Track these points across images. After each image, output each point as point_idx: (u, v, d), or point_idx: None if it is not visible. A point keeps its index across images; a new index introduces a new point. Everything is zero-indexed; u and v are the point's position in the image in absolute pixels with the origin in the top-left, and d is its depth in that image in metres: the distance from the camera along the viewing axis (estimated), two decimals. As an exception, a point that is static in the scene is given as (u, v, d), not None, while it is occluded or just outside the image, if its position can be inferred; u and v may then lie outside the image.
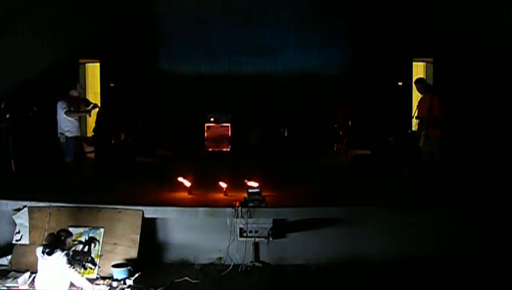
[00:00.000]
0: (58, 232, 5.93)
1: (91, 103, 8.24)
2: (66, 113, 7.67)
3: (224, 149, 11.07)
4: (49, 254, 5.64)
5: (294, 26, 12.11)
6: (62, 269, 5.64)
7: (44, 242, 5.88)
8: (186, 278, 6.12)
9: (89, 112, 8.18)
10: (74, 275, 5.71)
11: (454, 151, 7.83)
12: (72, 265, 5.72)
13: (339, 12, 11.92)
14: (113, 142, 10.26)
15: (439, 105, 7.41)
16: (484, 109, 9.93)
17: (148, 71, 12.19)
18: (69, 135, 7.77)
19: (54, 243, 5.73)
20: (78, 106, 8.02)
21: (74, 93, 7.98)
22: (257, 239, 6.55)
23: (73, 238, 6.41)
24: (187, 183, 7.62)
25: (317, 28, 12.01)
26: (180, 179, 7.66)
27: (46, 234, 6.14)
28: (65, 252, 5.71)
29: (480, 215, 6.72)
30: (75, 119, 7.87)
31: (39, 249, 5.76)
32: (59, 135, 7.81)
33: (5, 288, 5.91)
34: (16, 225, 6.73)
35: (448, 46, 10.93)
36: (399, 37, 11.33)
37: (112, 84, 11.83)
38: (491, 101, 10.14)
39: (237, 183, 7.58)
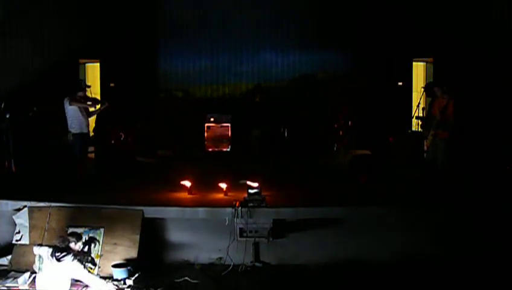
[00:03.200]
0: (68, 236, 5.90)
1: (100, 101, 8.24)
2: (70, 103, 7.69)
3: (224, 149, 11.06)
4: (58, 259, 5.57)
5: (294, 26, 12.11)
6: (75, 274, 5.60)
7: (54, 243, 5.80)
8: (186, 278, 6.12)
9: (99, 110, 8.20)
10: (90, 277, 5.69)
11: (457, 151, 7.83)
12: (85, 267, 5.71)
13: (339, 12, 11.91)
14: (113, 142, 10.26)
15: (454, 110, 7.36)
16: (484, 109, 9.92)
17: (148, 71, 12.20)
18: (74, 131, 7.78)
19: (64, 249, 5.67)
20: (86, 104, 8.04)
21: (81, 94, 8.01)
22: (257, 239, 6.55)
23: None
24: (187, 184, 7.62)
25: (317, 28, 12.01)
26: (183, 182, 7.65)
27: (57, 237, 6.01)
28: (77, 258, 5.66)
29: (481, 216, 6.72)
30: (83, 117, 7.86)
31: (44, 249, 5.69)
32: (68, 132, 7.85)
33: (5, 288, 5.91)
34: (16, 225, 6.73)
35: (448, 46, 10.93)
36: (399, 37, 11.33)
37: (112, 84, 11.83)
38: (491, 101, 10.14)
39: (237, 184, 7.58)
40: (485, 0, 10.61)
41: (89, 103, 8.21)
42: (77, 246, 5.84)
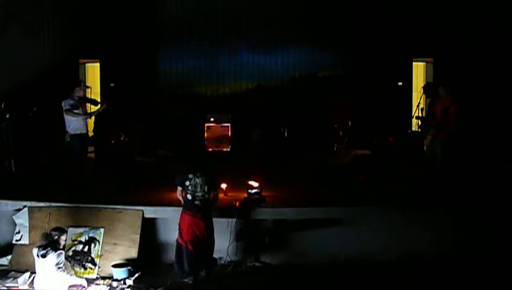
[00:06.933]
0: (51, 231, 5.92)
1: (98, 102, 8.20)
2: (65, 111, 7.62)
3: (224, 149, 11.05)
4: (43, 256, 5.64)
5: (294, 26, 12.10)
6: (53, 269, 5.65)
7: (39, 243, 5.86)
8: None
9: (98, 111, 8.15)
10: (64, 276, 5.72)
11: (456, 151, 7.84)
12: (61, 266, 5.71)
13: (339, 12, 11.90)
14: (113, 142, 10.25)
15: (456, 113, 7.34)
16: (484, 108, 9.93)
17: (148, 71, 12.20)
18: (72, 132, 7.74)
19: (47, 245, 5.72)
20: (85, 105, 7.98)
21: (79, 92, 7.89)
22: (257, 239, 6.55)
23: (73, 238, 6.44)
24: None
25: (317, 28, 12.00)
26: None
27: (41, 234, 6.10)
28: (58, 252, 5.70)
29: (481, 215, 6.72)
30: (81, 117, 7.82)
31: (35, 250, 5.76)
32: (65, 133, 7.81)
33: (5, 288, 5.92)
34: (16, 225, 6.73)
35: (448, 46, 10.94)
36: (399, 37, 11.33)
37: (112, 84, 11.82)
38: (491, 101, 10.15)
39: (237, 183, 7.57)
40: (485, 1, 10.62)
41: (96, 107, 8.18)
42: (61, 239, 5.86)
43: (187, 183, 6.03)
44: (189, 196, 6.00)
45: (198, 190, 5.98)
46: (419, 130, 8.91)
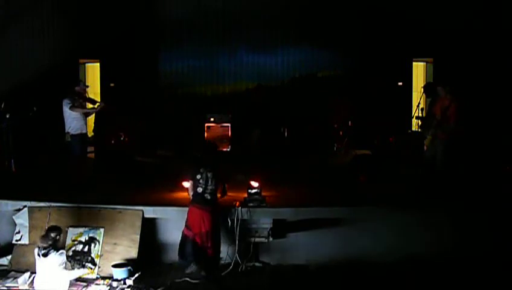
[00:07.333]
0: (48, 231, 5.92)
1: (96, 102, 8.21)
2: (70, 108, 7.61)
3: (224, 149, 11.06)
4: (45, 255, 5.66)
5: (294, 26, 12.11)
6: (57, 269, 5.66)
7: (39, 244, 5.86)
8: (186, 278, 6.12)
9: (95, 110, 8.14)
10: (68, 273, 5.76)
11: (456, 151, 7.84)
12: (64, 265, 5.74)
13: (339, 12, 11.90)
14: (113, 142, 10.25)
15: (456, 113, 7.31)
16: (484, 108, 9.93)
17: (148, 71, 12.20)
18: (73, 132, 7.73)
19: (48, 245, 5.73)
20: (84, 105, 7.97)
21: (79, 91, 7.88)
22: (257, 239, 6.55)
23: (73, 238, 6.44)
24: (187, 184, 7.59)
25: (317, 28, 12.00)
26: (184, 183, 7.64)
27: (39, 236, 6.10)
28: (60, 252, 5.73)
29: (481, 215, 6.72)
30: (81, 117, 7.79)
31: (36, 250, 5.78)
32: (66, 134, 7.79)
33: (5, 288, 5.92)
34: (16, 225, 6.73)
35: (448, 46, 10.94)
36: (399, 37, 11.33)
37: (112, 84, 11.83)
38: (491, 101, 10.14)
39: (237, 183, 7.57)
40: (485, 1, 10.63)
41: (94, 105, 8.17)
42: (60, 238, 5.87)
43: (198, 176, 6.23)
44: (199, 189, 6.19)
45: (209, 183, 6.19)
46: (419, 130, 8.91)
